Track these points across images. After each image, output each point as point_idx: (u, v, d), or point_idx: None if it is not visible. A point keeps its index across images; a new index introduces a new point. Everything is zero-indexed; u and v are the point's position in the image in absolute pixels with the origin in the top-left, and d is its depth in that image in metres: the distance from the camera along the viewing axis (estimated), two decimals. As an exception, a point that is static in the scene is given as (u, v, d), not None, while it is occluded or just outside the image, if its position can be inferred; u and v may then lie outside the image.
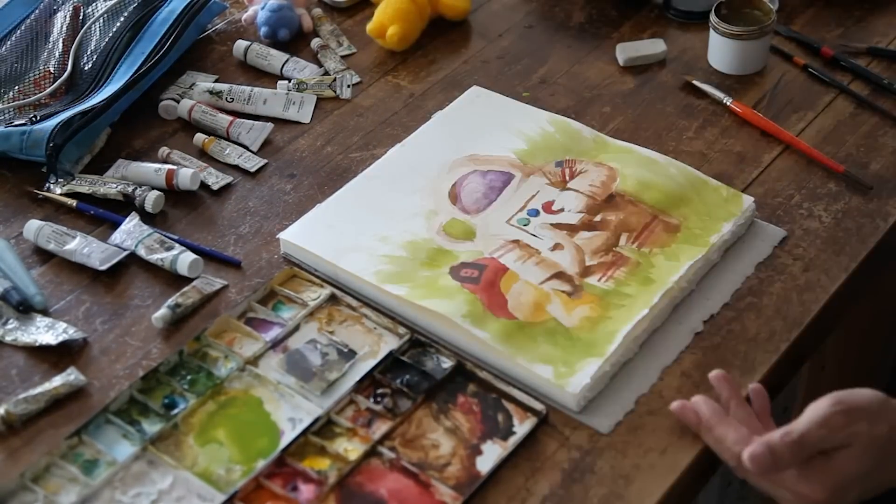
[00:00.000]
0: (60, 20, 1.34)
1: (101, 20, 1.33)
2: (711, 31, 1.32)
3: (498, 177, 1.17)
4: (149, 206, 1.16)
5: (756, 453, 0.85)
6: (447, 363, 1.01)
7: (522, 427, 0.96)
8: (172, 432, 0.96)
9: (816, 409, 0.87)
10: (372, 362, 1.01)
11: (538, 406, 0.96)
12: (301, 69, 1.34)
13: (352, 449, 0.95)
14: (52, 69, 1.30)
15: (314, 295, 1.07)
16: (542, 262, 1.07)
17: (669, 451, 0.94)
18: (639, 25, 1.40)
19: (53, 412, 0.98)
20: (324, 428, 0.96)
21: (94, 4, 1.36)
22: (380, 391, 0.99)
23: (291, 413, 0.97)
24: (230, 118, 1.26)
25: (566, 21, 1.42)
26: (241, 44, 1.37)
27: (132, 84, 1.26)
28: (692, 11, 1.40)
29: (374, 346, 1.03)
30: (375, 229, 1.11)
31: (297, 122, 1.29)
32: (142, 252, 1.10)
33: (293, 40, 1.39)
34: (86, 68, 1.30)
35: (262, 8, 1.39)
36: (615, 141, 1.21)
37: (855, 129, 1.24)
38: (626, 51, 1.35)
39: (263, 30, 1.38)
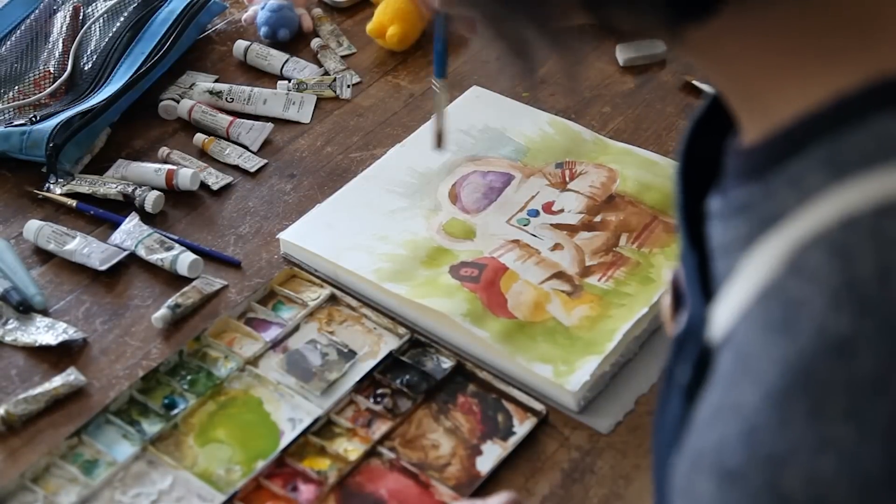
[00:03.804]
0: (60, 20, 1.34)
1: (101, 20, 1.33)
2: (711, 31, 1.32)
3: (498, 177, 1.17)
4: (149, 206, 1.15)
5: None
6: (447, 363, 1.01)
7: (522, 427, 0.96)
8: (172, 432, 0.96)
9: None
10: (372, 362, 1.01)
11: (538, 406, 0.96)
12: (301, 69, 1.34)
13: (352, 449, 0.95)
14: (52, 69, 1.30)
15: (314, 295, 1.07)
16: (542, 261, 1.07)
17: (669, 451, 0.94)
18: (639, 25, 1.40)
19: (53, 412, 0.98)
20: (324, 428, 0.96)
21: (94, 4, 1.36)
22: (380, 391, 0.99)
23: (291, 413, 0.97)
24: (230, 118, 1.26)
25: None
26: (241, 44, 1.37)
27: (132, 84, 1.26)
28: (692, 11, 1.40)
29: (374, 346, 1.03)
30: (375, 229, 1.11)
31: (297, 122, 1.29)
32: (142, 252, 1.10)
33: (293, 40, 1.39)
34: (86, 68, 1.30)
35: (262, 8, 1.39)
36: (615, 143, 1.21)
37: (855, 129, 1.24)
38: (626, 51, 1.35)
39: (263, 30, 1.38)
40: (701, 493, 0.45)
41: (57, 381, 0.99)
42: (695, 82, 1.30)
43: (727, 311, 0.48)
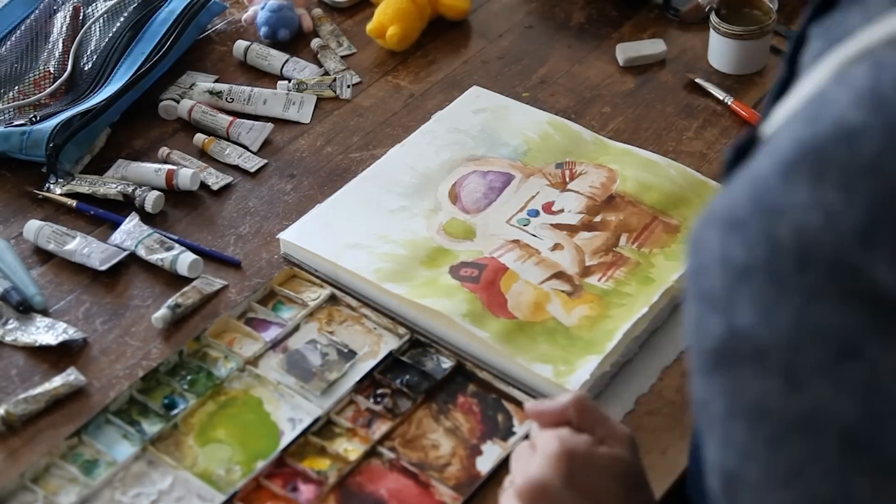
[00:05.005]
0: (60, 20, 1.34)
1: (101, 20, 1.33)
2: (711, 31, 1.32)
3: (498, 177, 1.17)
4: (149, 206, 1.16)
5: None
6: (447, 363, 1.01)
7: (522, 427, 0.96)
8: (172, 432, 0.96)
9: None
10: (372, 362, 1.01)
11: (538, 406, 0.96)
12: (301, 69, 1.34)
13: (352, 449, 0.95)
14: (52, 69, 1.30)
15: (314, 295, 1.07)
16: (542, 261, 1.07)
17: (669, 451, 0.94)
18: (639, 25, 1.40)
19: (53, 412, 0.98)
20: (324, 428, 0.96)
21: (94, 4, 1.36)
22: (380, 391, 0.99)
23: (291, 413, 0.97)
24: (230, 118, 1.26)
25: (566, 21, 1.42)
26: (241, 44, 1.37)
27: (132, 84, 1.26)
28: (692, 11, 1.40)
29: (374, 346, 1.03)
30: (375, 229, 1.11)
31: (297, 122, 1.29)
32: (142, 252, 1.10)
33: (293, 40, 1.39)
34: (86, 68, 1.30)
35: (262, 8, 1.39)
36: (615, 143, 1.21)
37: (855, 129, 1.24)
38: (626, 51, 1.35)
39: (263, 30, 1.38)
40: (707, 243, 0.53)
41: (57, 381, 0.99)
42: (698, 80, 1.30)
43: (782, 113, 0.56)
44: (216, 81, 1.33)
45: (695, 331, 0.54)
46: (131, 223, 1.13)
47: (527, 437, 0.91)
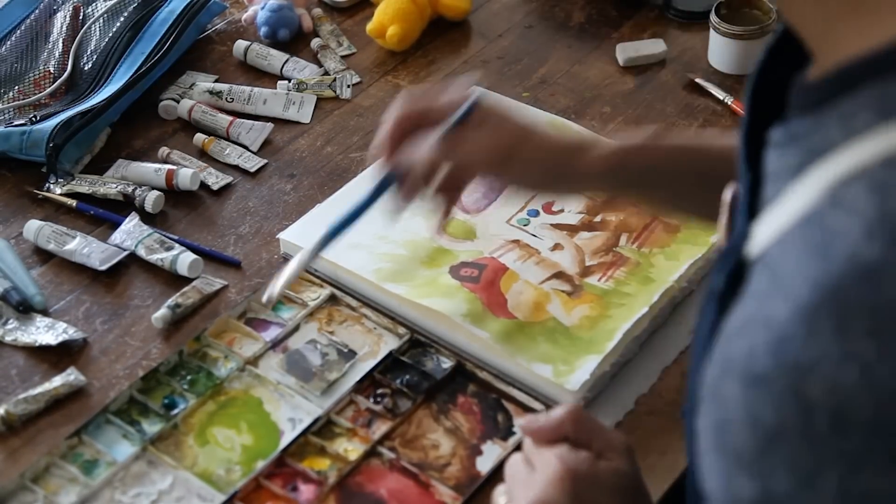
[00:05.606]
0: (60, 20, 1.34)
1: (101, 20, 1.33)
2: (712, 31, 1.32)
3: (498, 177, 1.17)
4: (149, 206, 1.15)
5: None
6: (447, 363, 1.01)
7: (522, 427, 0.95)
8: (172, 432, 0.96)
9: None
10: (372, 362, 1.01)
11: (538, 406, 0.96)
12: (301, 69, 1.34)
13: (352, 449, 0.95)
14: (52, 69, 1.30)
15: (314, 295, 1.07)
16: (542, 261, 1.07)
17: (669, 451, 0.94)
18: (639, 25, 1.40)
19: (53, 412, 0.98)
20: (324, 428, 0.96)
21: (94, 4, 1.36)
22: (380, 391, 0.99)
23: (291, 413, 0.97)
24: (230, 118, 1.26)
25: (566, 21, 1.42)
26: (241, 44, 1.37)
27: (132, 84, 1.26)
28: (692, 11, 1.40)
29: (374, 346, 1.03)
30: (375, 228, 1.11)
31: (297, 122, 1.29)
32: (142, 252, 1.10)
33: (293, 40, 1.39)
34: (86, 68, 1.30)
35: (262, 8, 1.39)
36: (615, 141, 1.21)
37: (855, 129, 1.24)
38: (626, 51, 1.35)
39: (263, 30, 1.38)
40: (728, 396, 0.49)
41: (57, 381, 0.99)
42: (698, 81, 1.30)
43: (767, 231, 0.52)
44: (216, 81, 1.33)
45: (721, 486, 0.51)
46: (131, 223, 1.13)
47: (518, 447, 0.91)
